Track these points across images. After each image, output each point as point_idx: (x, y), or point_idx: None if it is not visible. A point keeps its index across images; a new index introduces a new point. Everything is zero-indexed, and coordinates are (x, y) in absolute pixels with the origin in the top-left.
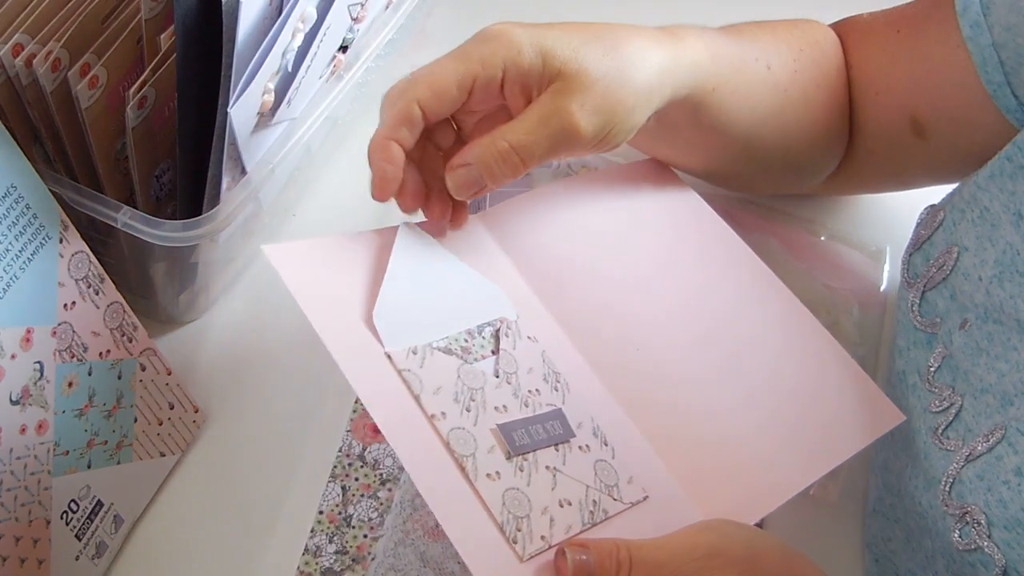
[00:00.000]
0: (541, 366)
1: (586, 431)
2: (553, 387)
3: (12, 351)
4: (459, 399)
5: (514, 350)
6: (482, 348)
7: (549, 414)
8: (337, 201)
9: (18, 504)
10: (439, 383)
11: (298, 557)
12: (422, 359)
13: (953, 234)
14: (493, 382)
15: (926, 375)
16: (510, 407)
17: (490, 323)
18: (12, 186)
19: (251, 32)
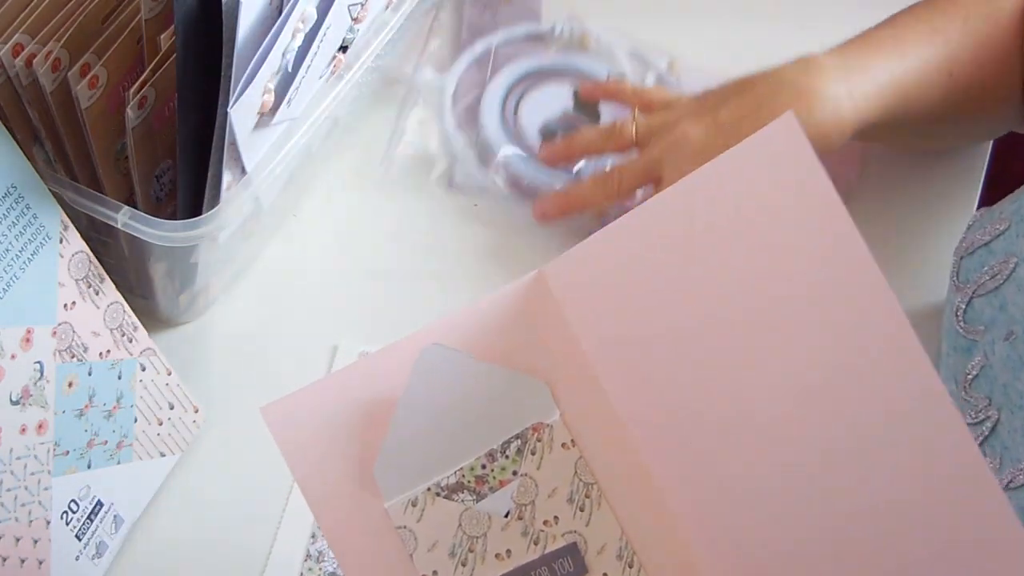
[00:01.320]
0: (570, 482)
1: (609, 555)
2: (579, 507)
3: (12, 351)
4: (455, 552)
5: (538, 470)
6: (502, 472)
7: (561, 551)
8: (337, 201)
9: (18, 504)
10: (436, 537)
11: (300, 563)
12: (421, 511)
13: (1015, 244)
14: (500, 523)
15: (963, 383)
16: (515, 550)
17: (518, 435)
18: (12, 186)
19: (251, 32)
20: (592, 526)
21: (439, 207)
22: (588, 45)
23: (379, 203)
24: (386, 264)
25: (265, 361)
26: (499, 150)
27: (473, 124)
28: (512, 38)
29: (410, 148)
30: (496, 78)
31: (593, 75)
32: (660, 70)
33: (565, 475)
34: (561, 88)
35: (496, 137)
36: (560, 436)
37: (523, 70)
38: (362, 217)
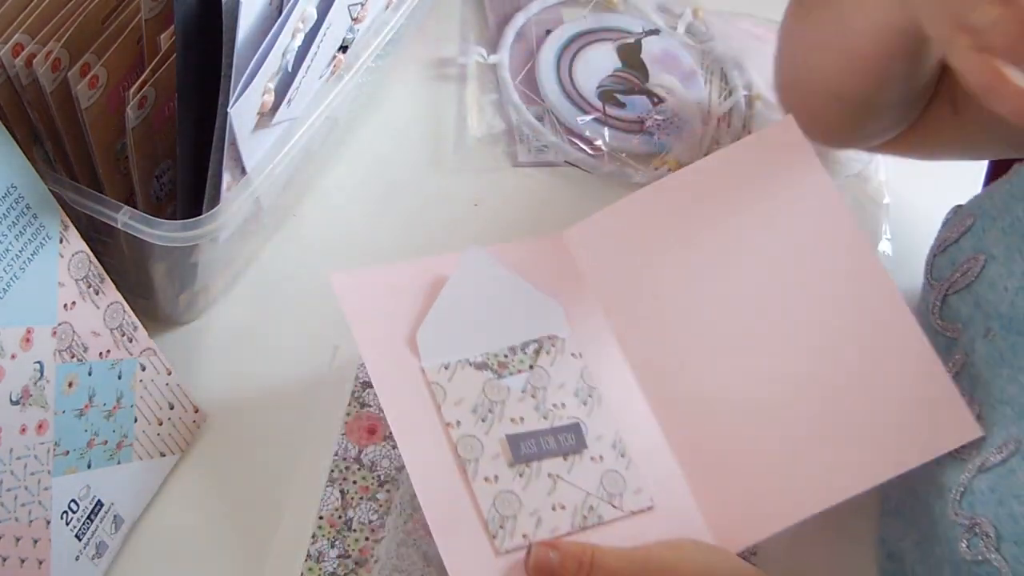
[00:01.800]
0: (576, 381)
1: (605, 443)
2: (582, 401)
3: (12, 351)
4: (477, 410)
5: (551, 366)
6: (520, 363)
7: (565, 427)
8: (337, 201)
9: (18, 504)
10: (462, 395)
11: (301, 563)
12: (452, 373)
13: (982, 241)
14: (517, 396)
15: None
16: (528, 419)
17: (536, 340)
18: (12, 186)
19: (251, 32)
20: (592, 418)
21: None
22: (616, 5)
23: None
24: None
25: (265, 361)
26: (571, 119)
27: (533, 97)
28: (546, 5)
29: (480, 129)
30: (543, 48)
31: (629, 31)
32: (688, 20)
33: (572, 375)
34: (604, 49)
35: (564, 106)
36: (570, 347)
37: (565, 37)
38: (362, 217)
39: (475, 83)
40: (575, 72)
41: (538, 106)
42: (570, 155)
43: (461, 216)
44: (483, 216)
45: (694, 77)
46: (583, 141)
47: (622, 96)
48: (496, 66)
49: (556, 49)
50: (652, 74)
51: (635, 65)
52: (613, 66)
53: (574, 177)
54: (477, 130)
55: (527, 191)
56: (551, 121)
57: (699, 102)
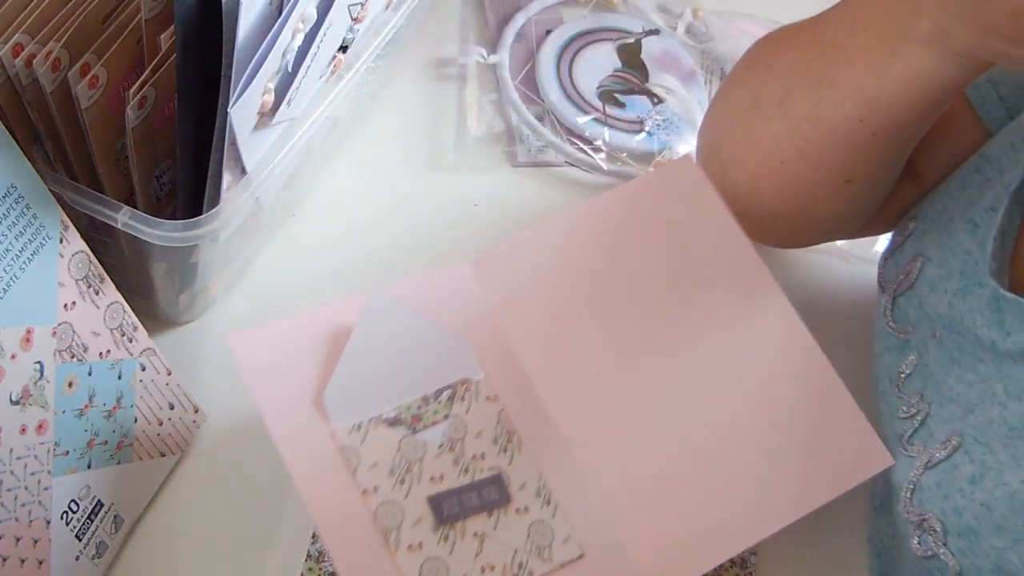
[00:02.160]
0: (494, 427)
1: (529, 491)
2: (502, 448)
3: (12, 351)
4: (395, 471)
5: (467, 414)
6: (435, 414)
7: (487, 480)
8: (337, 201)
9: (18, 504)
10: (377, 458)
11: (301, 563)
12: (364, 434)
13: (921, 243)
14: (434, 451)
15: (896, 381)
16: (447, 475)
17: (449, 386)
18: (12, 186)
19: (251, 32)
20: (514, 465)
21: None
22: (616, 5)
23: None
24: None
25: None
26: (571, 119)
27: (533, 97)
28: (546, 6)
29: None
30: (543, 49)
31: (629, 31)
32: (688, 20)
33: (490, 421)
34: (604, 49)
35: (563, 106)
36: (485, 391)
37: (565, 37)
38: (362, 217)
39: (475, 83)
40: (575, 72)
41: (538, 106)
42: (570, 155)
43: (461, 216)
44: (483, 216)
45: (694, 77)
46: (583, 141)
47: (622, 96)
48: (496, 66)
49: (556, 49)
50: (652, 74)
51: (635, 65)
52: (613, 66)
53: (574, 177)
54: (477, 130)
55: (527, 191)
56: (551, 121)
57: (699, 102)
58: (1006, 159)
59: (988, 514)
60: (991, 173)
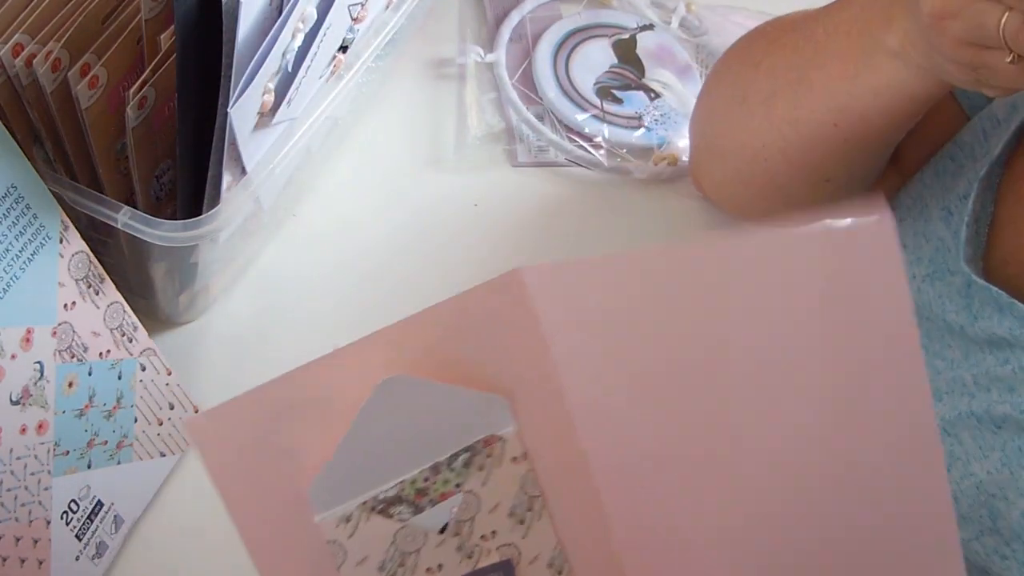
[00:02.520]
0: (513, 496)
1: (540, 565)
2: (519, 520)
3: (12, 351)
4: (385, 567)
5: (483, 486)
6: (444, 485)
7: (493, 567)
8: (337, 201)
9: (18, 504)
10: (366, 552)
11: None
12: (355, 527)
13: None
14: (436, 539)
15: None
16: (447, 564)
17: (468, 448)
18: (12, 186)
19: (251, 32)
20: (529, 538)
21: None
22: (610, 2)
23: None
24: (386, 263)
25: (265, 361)
26: (570, 117)
27: (532, 96)
28: (541, 3)
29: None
30: (539, 46)
31: (624, 27)
32: (682, 14)
33: (510, 490)
34: (600, 45)
35: (562, 104)
36: (511, 450)
37: (561, 34)
38: (362, 217)
39: (474, 82)
40: (572, 69)
41: (537, 105)
42: (570, 153)
43: (461, 216)
44: (483, 216)
45: (690, 71)
46: (582, 138)
47: (619, 92)
48: (493, 65)
49: (552, 46)
50: (648, 69)
51: (631, 61)
52: (609, 62)
53: (574, 175)
54: (477, 129)
55: (527, 190)
56: (550, 120)
57: (695, 96)
58: (978, 146)
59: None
60: (963, 160)
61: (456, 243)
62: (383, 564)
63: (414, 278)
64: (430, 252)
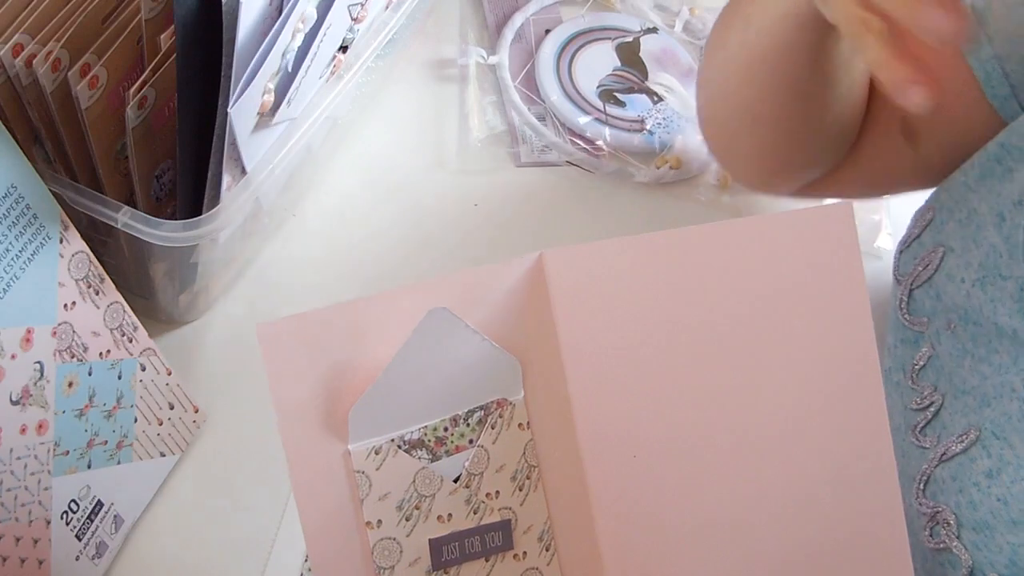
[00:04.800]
0: (517, 461)
1: (532, 536)
2: (519, 486)
3: (12, 351)
4: (403, 507)
5: (494, 444)
6: (460, 438)
7: (495, 525)
8: (337, 201)
9: (18, 504)
10: (389, 488)
11: (301, 563)
12: (382, 460)
13: (941, 234)
14: (449, 487)
15: (910, 372)
16: (456, 515)
17: (483, 407)
18: (12, 186)
19: (251, 32)
20: (525, 506)
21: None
22: (613, 4)
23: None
24: (386, 263)
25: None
26: (572, 119)
27: (533, 97)
28: (544, 5)
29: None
30: (542, 49)
31: (627, 30)
32: (685, 17)
33: (515, 454)
34: (603, 48)
35: (564, 106)
36: (519, 416)
37: (564, 36)
38: (362, 217)
39: (475, 84)
40: (575, 72)
41: (539, 106)
42: (572, 155)
43: (463, 217)
44: (485, 217)
45: (693, 75)
46: (584, 141)
47: (622, 95)
48: (496, 67)
49: (555, 49)
50: (651, 72)
51: (634, 63)
52: (612, 65)
53: (576, 177)
54: (479, 131)
55: (529, 191)
56: (552, 121)
57: None
58: None
59: (1004, 509)
60: (1012, 163)
61: (457, 243)
62: (401, 503)
63: (414, 278)
64: (430, 252)
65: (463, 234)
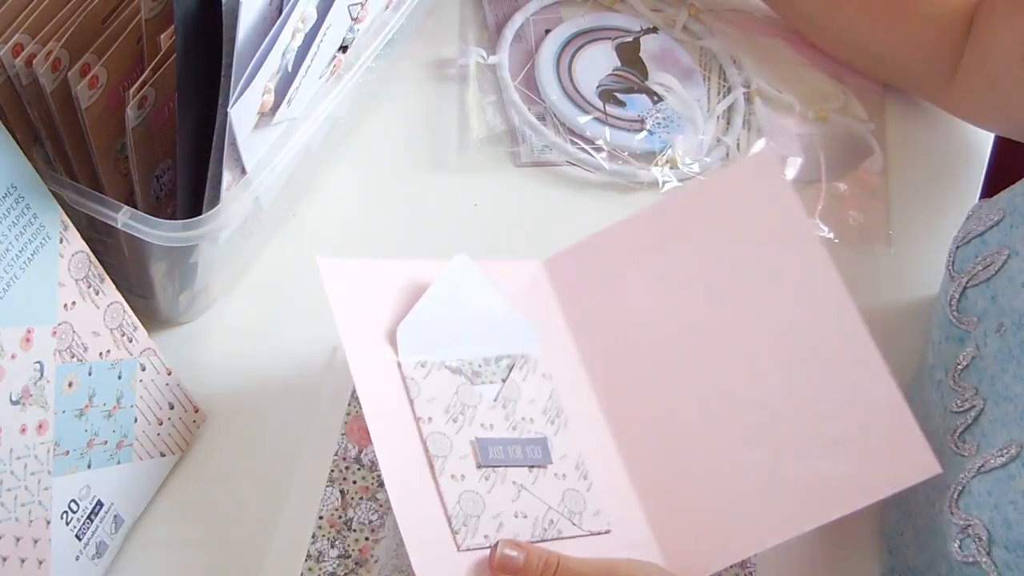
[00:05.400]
0: (544, 400)
1: (569, 463)
2: (550, 420)
3: (12, 351)
4: (449, 410)
5: (523, 381)
6: (493, 375)
7: (533, 440)
8: (337, 201)
9: (18, 504)
10: (435, 394)
11: (301, 563)
12: (428, 371)
13: (1008, 236)
14: (488, 403)
15: (952, 372)
16: (497, 427)
17: (509, 355)
18: (12, 186)
19: (251, 32)
20: (559, 437)
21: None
22: (613, 4)
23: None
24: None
25: (265, 361)
26: (572, 119)
27: (533, 97)
28: (544, 5)
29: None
30: (542, 49)
31: (627, 29)
32: (685, 18)
33: (542, 394)
34: (603, 48)
35: (564, 106)
36: (541, 368)
37: (564, 36)
38: (361, 217)
39: (475, 84)
40: (575, 71)
41: (539, 106)
42: (572, 155)
43: (463, 217)
44: (485, 217)
45: (693, 74)
46: (584, 141)
47: (622, 95)
48: (496, 67)
49: (555, 49)
50: (651, 72)
51: (634, 63)
52: (612, 65)
53: (576, 177)
54: (479, 131)
55: (529, 192)
56: (552, 121)
57: (698, 100)
58: None
59: None
60: None
61: (457, 243)
62: (448, 407)
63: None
64: (433, 253)
65: (463, 234)
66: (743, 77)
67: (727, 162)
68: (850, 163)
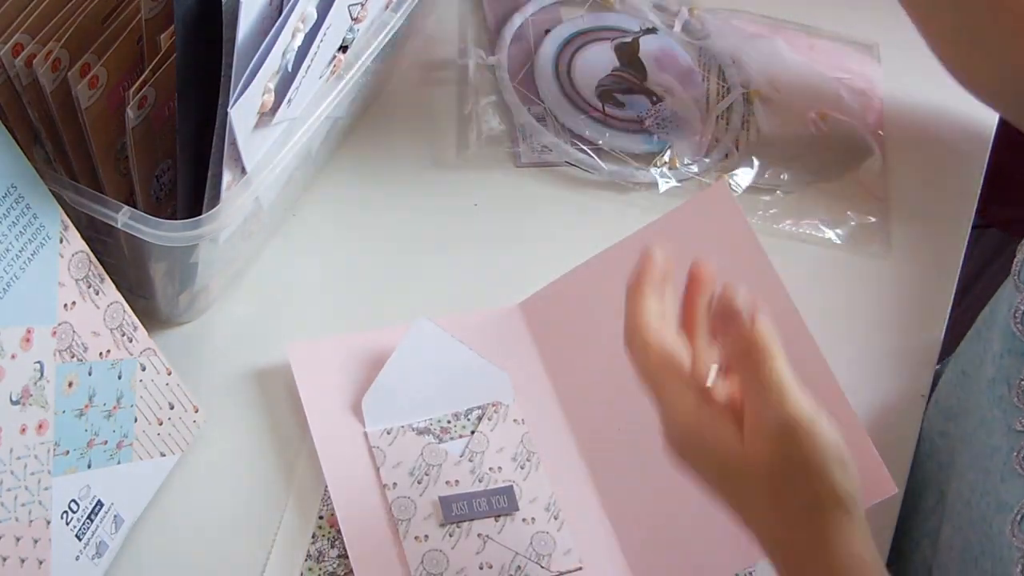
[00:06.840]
0: (515, 446)
1: (539, 505)
2: (520, 465)
3: (12, 351)
4: (414, 472)
5: (492, 432)
6: (462, 429)
7: (499, 489)
8: (337, 201)
9: (18, 504)
10: (401, 458)
11: (301, 563)
12: (393, 438)
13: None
14: (454, 460)
15: (1016, 388)
16: (463, 481)
17: (480, 407)
18: (12, 186)
19: (251, 32)
20: (528, 481)
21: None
22: (612, 4)
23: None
24: (386, 263)
25: (265, 361)
26: (572, 119)
27: (532, 98)
28: (543, 5)
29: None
30: (541, 49)
31: (626, 30)
32: (684, 18)
33: (513, 441)
34: (602, 48)
35: (563, 106)
36: (513, 414)
37: (563, 36)
38: (361, 217)
39: (475, 84)
40: (574, 72)
41: (539, 107)
42: (571, 156)
43: (463, 217)
44: (485, 217)
45: (692, 75)
46: (584, 141)
47: (621, 95)
48: (495, 67)
49: (554, 49)
50: (650, 72)
51: (633, 64)
52: (611, 65)
53: (575, 177)
54: (479, 131)
55: (529, 192)
56: (552, 122)
57: (697, 100)
58: None
59: None
60: None
61: (457, 244)
62: (412, 470)
63: (414, 278)
64: (433, 253)
65: (463, 234)
66: (742, 77)
67: (725, 163)
68: (849, 164)
